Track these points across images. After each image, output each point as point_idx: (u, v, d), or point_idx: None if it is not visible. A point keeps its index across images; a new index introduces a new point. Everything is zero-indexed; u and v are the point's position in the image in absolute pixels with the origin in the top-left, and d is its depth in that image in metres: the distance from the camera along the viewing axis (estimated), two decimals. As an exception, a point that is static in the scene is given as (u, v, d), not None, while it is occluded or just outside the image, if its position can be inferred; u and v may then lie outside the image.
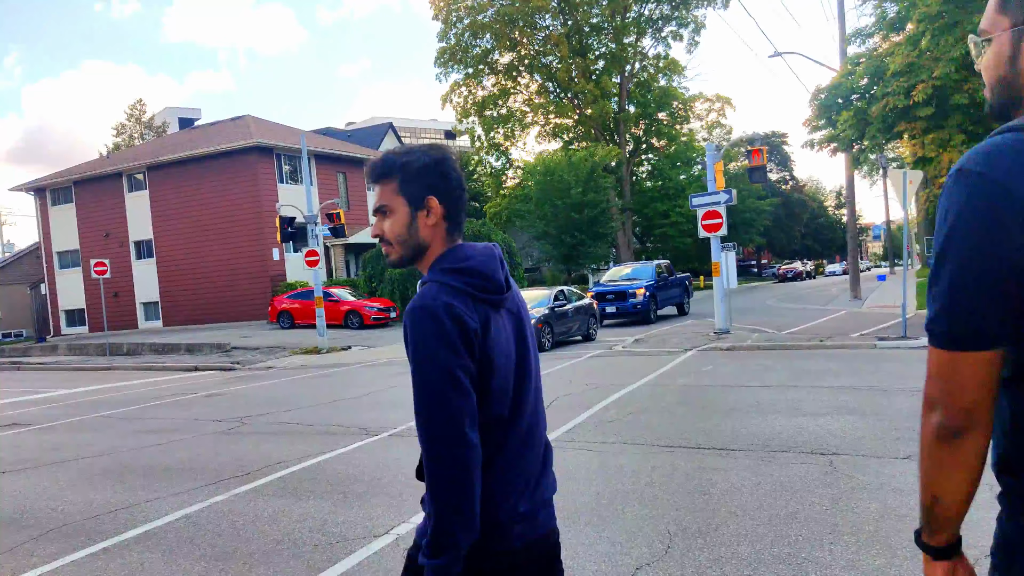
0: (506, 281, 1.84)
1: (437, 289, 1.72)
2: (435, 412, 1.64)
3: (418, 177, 1.83)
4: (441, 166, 1.85)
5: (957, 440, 1.25)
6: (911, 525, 4.49)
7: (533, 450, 1.87)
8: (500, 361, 1.75)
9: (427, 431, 1.66)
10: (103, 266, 24.35)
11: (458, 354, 1.65)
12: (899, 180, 13.23)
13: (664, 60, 49.63)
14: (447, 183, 1.85)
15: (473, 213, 55.69)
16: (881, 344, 12.82)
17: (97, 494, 6.52)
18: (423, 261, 1.86)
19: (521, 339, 1.87)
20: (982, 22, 1.35)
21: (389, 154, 1.89)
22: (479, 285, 1.75)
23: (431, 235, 1.84)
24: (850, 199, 26.30)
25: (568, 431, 7.74)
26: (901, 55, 15.94)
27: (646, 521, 4.87)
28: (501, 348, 1.76)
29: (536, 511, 1.84)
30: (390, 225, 1.85)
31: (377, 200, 1.88)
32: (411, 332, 1.69)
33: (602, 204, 38.13)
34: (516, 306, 1.90)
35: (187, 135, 39.49)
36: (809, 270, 63.47)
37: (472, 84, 49.35)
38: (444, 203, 1.84)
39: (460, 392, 1.65)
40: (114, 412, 11.91)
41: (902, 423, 7.09)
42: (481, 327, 1.70)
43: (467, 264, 1.77)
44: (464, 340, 1.66)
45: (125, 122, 60.76)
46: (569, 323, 17.90)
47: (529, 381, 1.87)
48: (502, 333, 1.78)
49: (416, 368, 1.68)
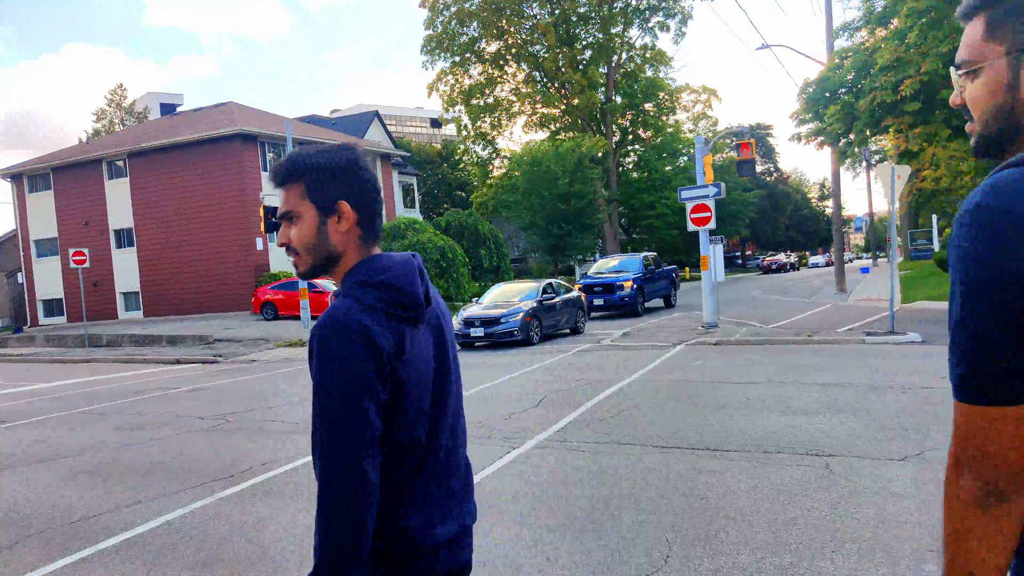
0: (426, 294, 1.70)
1: (349, 305, 1.58)
2: (334, 443, 1.51)
3: (328, 180, 1.68)
4: (353, 167, 1.71)
5: (1001, 505, 1.12)
6: (911, 532, 4.44)
7: (453, 474, 1.77)
8: (416, 383, 1.63)
9: (323, 462, 1.53)
10: (82, 255, 23.94)
11: (367, 380, 1.53)
12: (887, 175, 13.21)
13: (651, 51, 49.59)
14: (360, 186, 1.71)
15: (459, 203, 55.44)
16: (869, 339, 12.82)
17: (77, 497, 6.34)
18: (335, 271, 1.72)
19: (441, 356, 1.75)
20: (963, 52, 1.25)
21: (295, 155, 1.73)
22: (395, 301, 1.62)
23: (343, 243, 1.70)
24: (836, 192, 26.36)
25: (560, 430, 7.64)
26: (889, 50, 15.91)
27: (644, 527, 4.77)
28: (417, 369, 1.64)
29: (459, 538, 1.74)
30: (297, 233, 1.70)
31: (282, 206, 1.72)
32: (317, 351, 1.55)
33: (589, 195, 38.08)
34: (437, 319, 1.77)
35: (169, 121, 38.90)
36: (793, 262, 63.81)
37: (459, 72, 49.06)
38: (357, 208, 1.69)
39: (364, 423, 1.52)
40: (94, 407, 11.67)
41: (894, 422, 7.05)
42: (396, 348, 1.58)
43: (383, 278, 1.63)
44: (376, 365, 1.54)
45: (105, 107, 59.84)
46: (557, 316, 17.81)
47: (447, 401, 1.76)
48: (419, 352, 1.65)
49: (319, 391, 1.54)
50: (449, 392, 1.77)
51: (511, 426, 7.99)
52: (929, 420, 7.05)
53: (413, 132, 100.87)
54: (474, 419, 8.48)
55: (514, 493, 5.65)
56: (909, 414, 7.36)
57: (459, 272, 28.82)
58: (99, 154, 33.82)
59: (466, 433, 1.90)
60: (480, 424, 8.19)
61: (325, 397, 1.53)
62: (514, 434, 7.60)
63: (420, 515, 1.65)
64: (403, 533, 1.62)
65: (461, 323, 16.65)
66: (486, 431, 7.83)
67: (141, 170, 32.77)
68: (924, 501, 4.88)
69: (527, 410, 8.84)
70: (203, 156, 31.14)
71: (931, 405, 7.71)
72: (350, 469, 1.51)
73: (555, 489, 5.69)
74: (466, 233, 32.71)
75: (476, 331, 16.33)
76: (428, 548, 1.65)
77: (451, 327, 1.87)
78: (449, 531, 1.69)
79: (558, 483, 5.84)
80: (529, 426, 7.92)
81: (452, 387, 1.79)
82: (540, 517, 5.09)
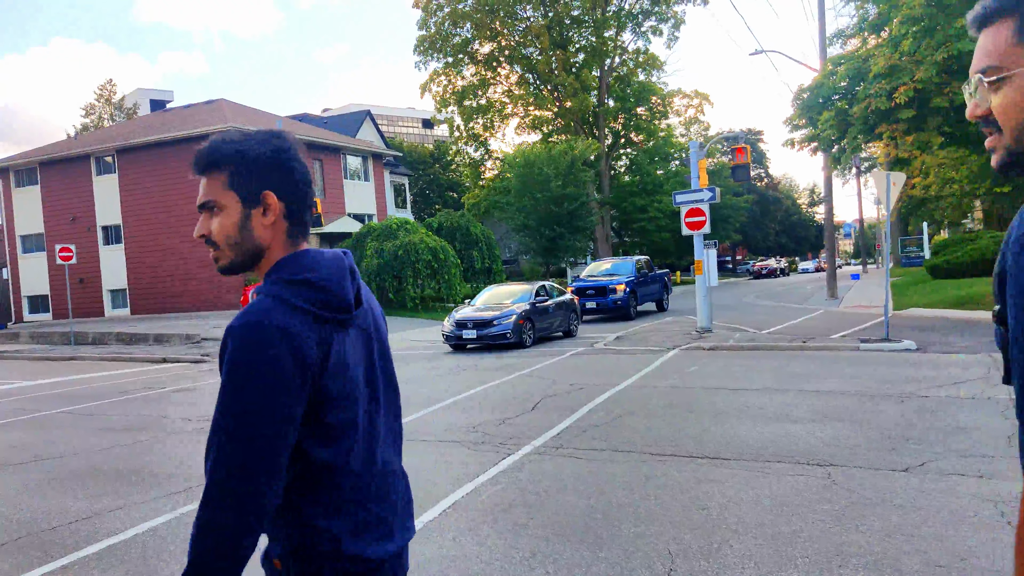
0: (357, 295, 1.57)
1: (270, 305, 1.44)
2: (233, 457, 1.37)
3: (253, 169, 1.55)
4: (282, 156, 1.57)
5: None
6: (919, 545, 4.33)
7: (391, 490, 1.64)
8: (343, 393, 1.50)
9: (215, 476, 1.38)
10: (69, 251, 23.62)
11: (282, 392, 1.39)
12: (882, 181, 13.15)
13: (644, 55, 49.64)
14: (289, 176, 1.57)
15: (451, 203, 55.27)
16: (864, 347, 12.75)
17: (57, 501, 6.15)
18: (259, 267, 1.58)
19: (372, 365, 1.62)
20: (987, 59, 1.15)
21: (218, 140, 1.59)
22: (323, 302, 1.48)
23: (268, 237, 1.56)
24: (828, 198, 26.37)
25: (555, 436, 7.51)
26: (883, 57, 15.88)
27: (644, 539, 4.64)
28: (345, 377, 1.50)
29: (397, 557, 1.63)
30: (218, 225, 1.56)
31: (202, 195, 1.58)
32: (230, 354, 1.40)
33: (581, 197, 38.02)
34: (369, 323, 1.64)
35: (159, 118, 38.53)
36: (783, 267, 64.03)
37: (451, 73, 48.92)
38: (285, 199, 1.56)
39: (274, 437, 1.39)
40: (78, 407, 11.44)
41: (893, 432, 6.95)
42: (321, 354, 1.44)
43: (310, 276, 1.49)
44: (295, 374, 1.40)
45: (94, 102, 59.34)
46: (550, 319, 17.68)
47: (378, 411, 1.62)
48: (348, 359, 1.52)
49: (226, 397, 1.39)
50: (381, 403, 1.65)
51: (505, 431, 7.85)
52: (928, 430, 6.95)
53: (405, 132, 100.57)
54: (467, 424, 8.34)
55: (509, 502, 5.51)
56: (908, 424, 7.27)
57: (451, 273, 28.66)
58: (87, 150, 33.46)
59: (401, 445, 1.76)
60: (473, 429, 8.05)
61: (233, 404, 1.38)
62: (508, 440, 7.46)
63: (355, 535, 1.53)
64: (340, 555, 1.50)
65: (454, 325, 16.50)
66: (479, 436, 7.69)
67: (130, 166, 32.42)
68: (930, 514, 4.78)
69: (521, 415, 8.70)
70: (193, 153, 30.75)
71: (929, 414, 7.62)
72: (248, 491, 1.37)
73: (552, 498, 5.55)
74: (458, 234, 32.55)
75: (469, 333, 16.18)
76: (364, 569, 1.53)
77: (386, 333, 1.74)
78: (387, 550, 1.58)
79: (555, 491, 5.70)
80: (524, 432, 7.78)
81: (382, 398, 1.66)
82: (537, 527, 4.95)
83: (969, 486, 5.28)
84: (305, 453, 1.49)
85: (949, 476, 5.53)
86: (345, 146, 37.07)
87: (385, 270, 27.79)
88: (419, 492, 5.88)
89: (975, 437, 6.58)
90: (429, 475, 6.34)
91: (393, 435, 1.72)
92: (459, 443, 7.45)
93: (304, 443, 1.49)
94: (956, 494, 5.13)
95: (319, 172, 35.32)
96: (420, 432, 8.07)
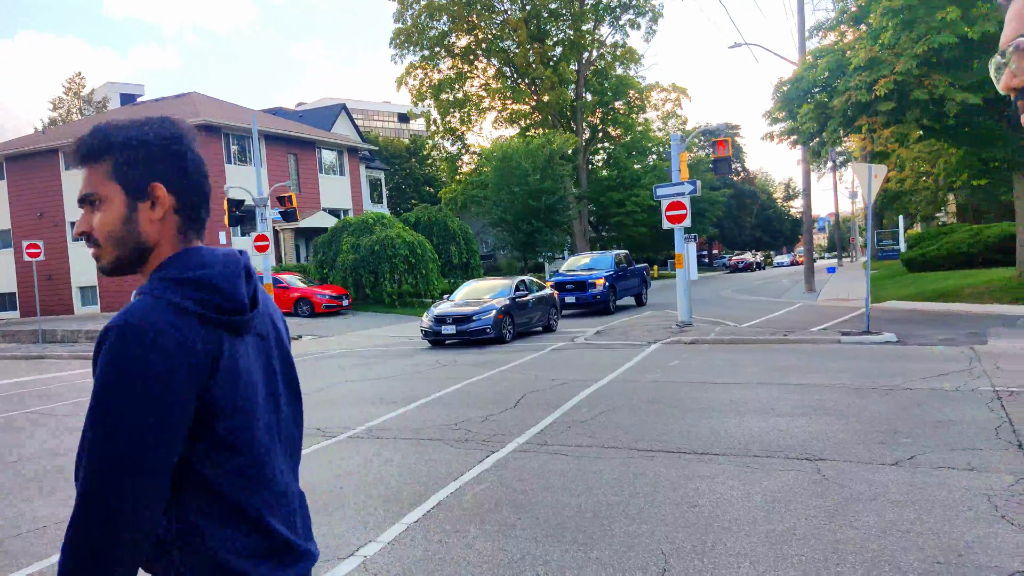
0: (253, 297, 1.42)
1: (152, 305, 1.29)
2: (105, 472, 1.22)
3: (140, 158, 1.40)
4: (173, 145, 1.43)
5: None
6: (915, 541, 4.25)
7: (292, 509, 1.50)
8: (237, 403, 1.35)
9: (87, 494, 1.23)
10: (36, 248, 23.02)
11: (161, 400, 1.24)
12: (864, 174, 13.16)
13: (622, 48, 49.61)
14: (181, 167, 1.43)
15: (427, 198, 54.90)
16: (845, 339, 12.77)
17: (26, 506, 5.90)
18: (145, 268, 1.43)
19: (271, 372, 1.47)
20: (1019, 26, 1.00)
21: (102, 127, 1.44)
22: (212, 303, 1.33)
23: (157, 233, 1.41)
24: (807, 192, 26.50)
25: (539, 433, 7.37)
26: (864, 49, 15.92)
27: (636, 539, 4.52)
28: (237, 387, 1.36)
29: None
30: (100, 219, 1.41)
31: (83, 187, 1.43)
32: (105, 356, 1.26)
33: (559, 192, 37.89)
34: (268, 329, 1.49)
35: (129, 111, 37.78)
36: (759, 261, 64.50)
37: (428, 67, 48.52)
38: (176, 192, 1.42)
39: (149, 452, 1.24)
40: (46, 407, 11.11)
41: (881, 425, 6.90)
42: (209, 361, 1.30)
43: (199, 274, 1.35)
44: (176, 380, 1.25)
45: (63, 96, 58.05)
46: (530, 314, 17.55)
47: (278, 424, 1.48)
48: (241, 367, 1.37)
49: (100, 404, 1.24)
50: (283, 415, 1.50)
51: (489, 428, 7.70)
52: (915, 423, 6.92)
53: (380, 126, 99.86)
54: (450, 421, 8.18)
55: (496, 501, 5.36)
56: (895, 417, 7.23)
57: (428, 268, 28.40)
58: (55, 144, 32.65)
59: (298, 464, 1.62)
60: (456, 426, 7.89)
61: (107, 413, 1.23)
62: (492, 437, 7.31)
63: (258, 562, 1.39)
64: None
65: (432, 320, 16.31)
66: (463, 433, 7.53)
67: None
68: (924, 509, 4.71)
69: (504, 411, 8.55)
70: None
71: (915, 407, 7.59)
72: (123, 503, 1.21)
73: (540, 496, 5.41)
74: (435, 229, 32.26)
75: (448, 329, 16.00)
76: None
77: (287, 338, 1.60)
78: None
79: (542, 490, 5.57)
80: (508, 428, 7.63)
81: (283, 410, 1.51)
82: (526, 527, 4.81)
83: (960, 479, 5.22)
84: (196, 471, 1.34)
85: (940, 470, 5.47)
86: (320, 140, 36.63)
87: (361, 265, 27.47)
88: (402, 491, 5.72)
89: (962, 430, 6.55)
90: (412, 474, 6.18)
91: (293, 450, 1.58)
92: (442, 441, 7.28)
93: (195, 459, 1.33)
94: (948, 488, 5.07)
95: (294, 167, 34.86)
96: (401, 430, 7.90)
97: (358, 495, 5.72)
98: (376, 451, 7.06)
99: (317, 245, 30.12)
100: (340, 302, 26.29)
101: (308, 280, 27.82)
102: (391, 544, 4.67)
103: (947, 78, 14.95)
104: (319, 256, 29.40)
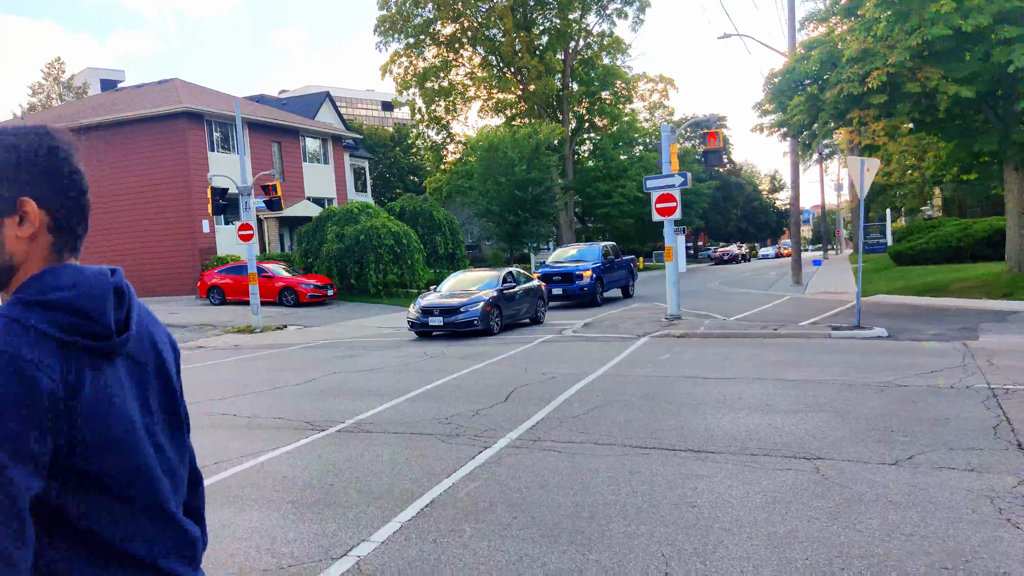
0: (126, 319, 1.30)
1: (3, 327, 1.18)
2: None
3: (7, 170, 1.27)
4: (46, 156, 1.30)
5: None
6: (920, 545, 4.16)
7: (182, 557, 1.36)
8: (107, 437, 1.22)
9: None
10: None
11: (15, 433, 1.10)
12: (857, 167, 13.11)
13: (609, 38, 49.39)
14: (56, 181, 1.31)
15: (412, 187, 54.59)
16: (835, 334, 12.74)
17: None
18: (9, 287, 1.31)
19: (145, 402, 1.33)
20: None
21: None
22: (72, 325, 1.21)
23: (23, 252, 1.29)
24: (795, 184, 26.49)
25: (531, 428, 7.24)
26: (857, 41, 15.84)
27: (635, 540, 4.40)
28: (109, 417, 1.23)
29: None
30: None
31: None
32: None
33: (546, 182, 37.68)
34: (147, 353, 1.37)
35: (110, 97, 37.13)
36: (744, 253, 64.70)
37: (413, 55, 48.10)
38: (49, 208, 1.29)
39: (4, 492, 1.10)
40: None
41: (878, 423, 6.84)
42: (68, 392, 1.17)
43: (59, 296, 1.22)
44: (31, 413, 1.12)
45: (42, 81, 57.12)
46: (517, 306, 17.41)
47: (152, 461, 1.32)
48: (113, 394, 1.25)
49: None
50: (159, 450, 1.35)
51: (480, 423, 7.56)
52: (912, 421, 6.85)
53: (365, 114, 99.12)
54: (439, 415, 8.04)
55: (491, 499, 5.23)
56: (891, 414, 7.16)
57: (414, 259, 28.16)
58: (34, 128, 32.05)
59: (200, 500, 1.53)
60: (446, 421, 7.75)
61: None
62: (483, 432, 7.18)
63: None
64: None
65: (419, 312, 16.13)
66: (453, 428, 7.39)
67: (79, 148, 31.10)
68: (927, 511, 4.63)
69: (495, 405, 8.42)
70: (146, 134, 29.74)
71: (910, 403, 7.54)
72: None
73: (535, 495, 5.28)
74: (421, 219, 31.99)
75: (435, 320, 15.83)
76: None
77: (173, 363, 1.45)
78: None
79: (537, 488, 5.44)
80: (499, 423, 7.50)
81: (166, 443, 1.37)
82: (521, 527, 4.68)
83: (962, 480, 5.15)
84: (64, 515, 1.19)
85: (940, 470, 5.40)
86: (304, 128, 36.19)
87: (346, 255, 27.19)
88: (394, 488, 5.57)
89: (960, 428, 6.49)
90: (403, 470, 6.03)
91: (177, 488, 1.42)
92: (432, 435, 7.14)
93: (61, 502, 1.19)
94: (950, 489, 4.99)
95: (277, 155, 34.45)
96: (391, 423, 7.75)
97: (349, 492, 5.57)
98: (366, 446, 6.91)
99: (301, 234, 29.78)
100: (325, 292, 26.03)
101: (292, 270, 27.51)
102: (385, 544, 4.53)
103: (940, 71, 14.91)
104: (303, 245, 29.07)
